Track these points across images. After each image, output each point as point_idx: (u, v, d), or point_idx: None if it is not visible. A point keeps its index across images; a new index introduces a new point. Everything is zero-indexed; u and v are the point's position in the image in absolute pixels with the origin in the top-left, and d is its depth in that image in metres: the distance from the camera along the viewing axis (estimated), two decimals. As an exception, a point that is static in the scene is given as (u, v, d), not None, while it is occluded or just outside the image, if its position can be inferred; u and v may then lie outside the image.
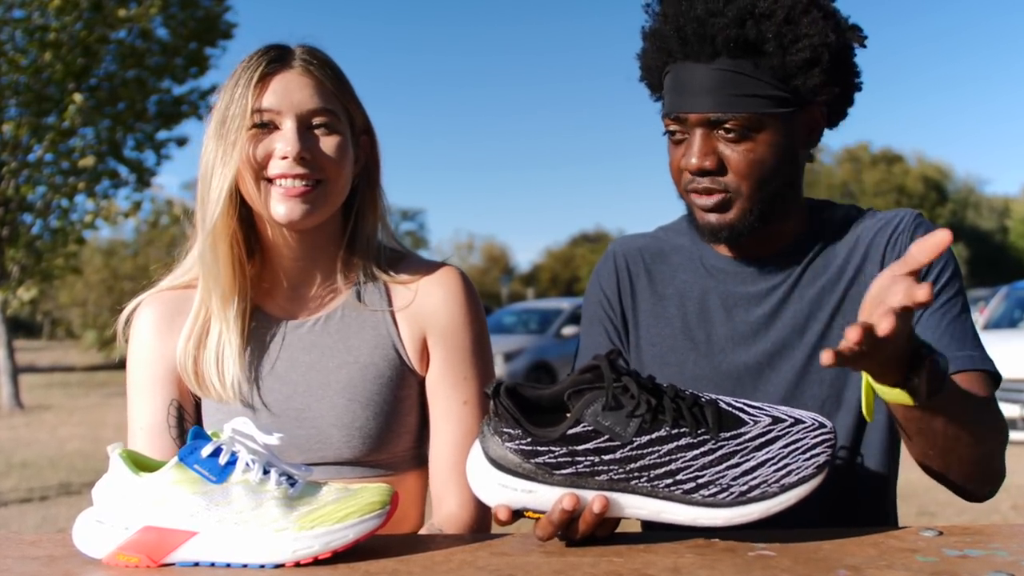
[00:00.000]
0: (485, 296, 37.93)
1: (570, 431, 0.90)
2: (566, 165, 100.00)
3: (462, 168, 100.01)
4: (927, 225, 1.22)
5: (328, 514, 0.90)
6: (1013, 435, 7.77)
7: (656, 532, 0.97)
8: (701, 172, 1.16)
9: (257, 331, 1.23)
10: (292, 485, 0.92)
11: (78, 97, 11.93)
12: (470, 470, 0.95)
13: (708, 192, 1.17)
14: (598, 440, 0.90)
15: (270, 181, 1.17)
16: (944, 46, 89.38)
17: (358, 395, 1.19)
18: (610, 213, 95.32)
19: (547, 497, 0.91)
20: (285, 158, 1.15)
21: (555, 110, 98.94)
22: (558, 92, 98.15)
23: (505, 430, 0.91)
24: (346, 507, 0.90)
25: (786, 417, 0.93)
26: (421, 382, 1.25)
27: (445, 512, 1.21)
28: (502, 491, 0.92)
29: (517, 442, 0.91)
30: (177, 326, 1.23)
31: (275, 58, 1.18)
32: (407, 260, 1.29)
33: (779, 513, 0.89)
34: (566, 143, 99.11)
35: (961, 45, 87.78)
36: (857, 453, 1.20)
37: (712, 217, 1.18)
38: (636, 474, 0.90)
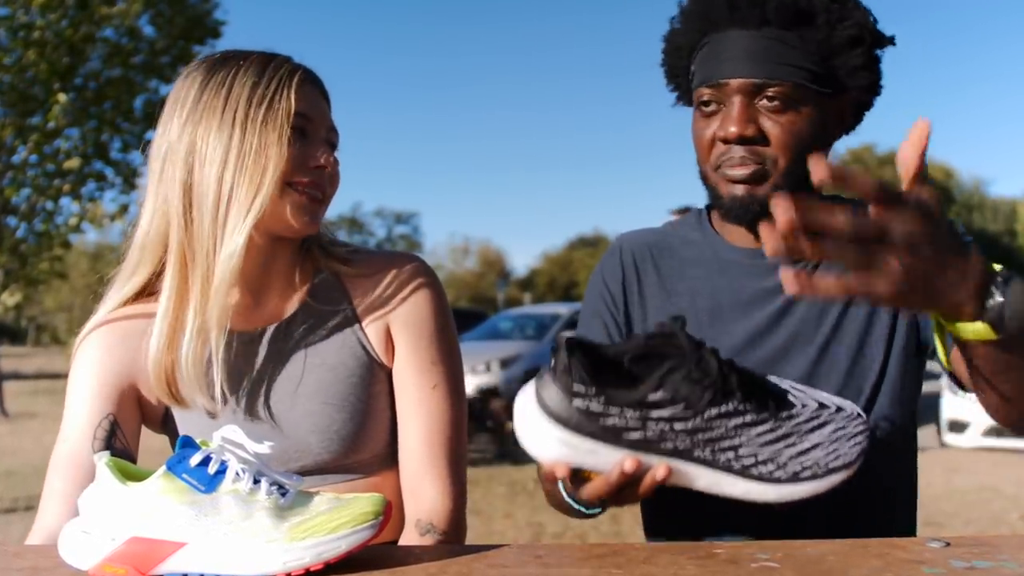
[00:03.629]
0: (481, 301, 37.89)
1: (650, 397, 0.89)
2: (564, 167, 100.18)
3: (457, 170, 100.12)
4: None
5: (320, 524, 0.87)
6: (1021, 443, 7.81)
7: (657, 542, 0.95)
8: (741, 140, 1.13)
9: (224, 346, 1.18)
10: (283, 495, 0.90)
11: (63, 97, 11.87)
12: (523, 424, 0.92)
13: (743, 163, 1.13)
14: (674, 408, 0.90)
15: (292, 186, 1.13)
16: (943, 45, 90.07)
17: (331, 398, 1.17)
18: (609, 216, 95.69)
19: (608, 459, 0.90)
20: (321, 168, 1.14)
21: (552, 111, 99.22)
22: (556, 93, 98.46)
23: (576, 387, 0.89)
24: (338, 517, 0.88)
25: (829, 404, 0.96)
26: (390, 374, 1.22)
27: (428, 505, 1.18)
28: (562, 448, 0.90)
29: (587, 401, 0.89)
30: (133, 345, 1.18)
31: (306, 69, 1.17)
32: (363, 254, 1.26)
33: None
34: (564, 145, 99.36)
35: (959, 44, 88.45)
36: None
37: (743, 189, 1.14)
38: (701, 445, 0.90)
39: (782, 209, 0.75)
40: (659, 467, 0.89)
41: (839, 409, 0.96)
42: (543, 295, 45.77)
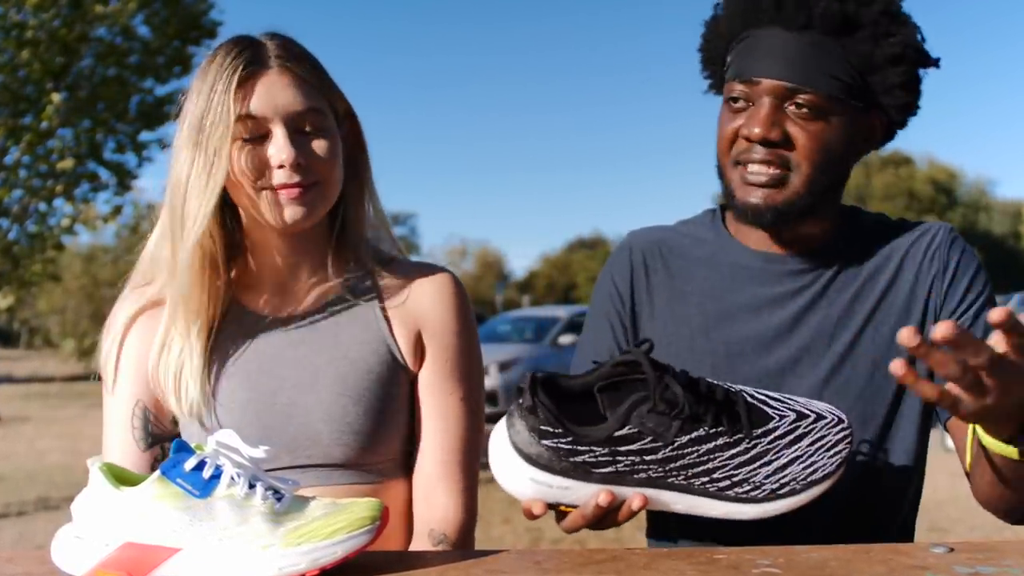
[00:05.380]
0: (479, 303, 37.78)
1: (616, 433, 0.90)
2: (563, 168, 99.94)
3: (455, 171, 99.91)
4: (962, 242, 1.20)
5: (316, 530, 0.86)
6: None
7: (658, 547, 0.95)
8: (764, 142, 1.11)
9: (236, 327, 1.20)
10: (279, 500, 0.89)
11: (56, 97, 11.81)
12: (497, 463, 0.94)
13: (765, 164, 1.12)
14: (642, 442, 0.90)
15: (265, 190, 1.13)
16: (948, 45, 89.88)
17: (348, 390, 1.16)
18: (608, 218, 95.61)
19: (583, 494, 0.91)
20: (281, 167, 1.12)
21: (551, 111, 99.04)
22: (554, 93, 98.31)
23: (543, 427, 0.90)
24: (334, 522, 0.87)
25: (808, 412, 0.95)
26: (412, 380, 1.22)
27: (440, 514, 1.17)
28: (535, 487, 0.92)
29: (555, 440, 0.90)
30: (151, 338, 1.20)
31: (251, 59, 1.12)
32: (400, 262, 1.27)
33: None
34: (563, 145, 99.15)
35: (965, 43, 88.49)
36: (878, 471, 1.16)
37: (759, 194, 1.13)
38: (674, 473, 0.91)
39: (941, 333, 0.78)
40: (634, 497, 0.91)
41: (819, 417, 0.94)
42: (542, 297, 45.60)
